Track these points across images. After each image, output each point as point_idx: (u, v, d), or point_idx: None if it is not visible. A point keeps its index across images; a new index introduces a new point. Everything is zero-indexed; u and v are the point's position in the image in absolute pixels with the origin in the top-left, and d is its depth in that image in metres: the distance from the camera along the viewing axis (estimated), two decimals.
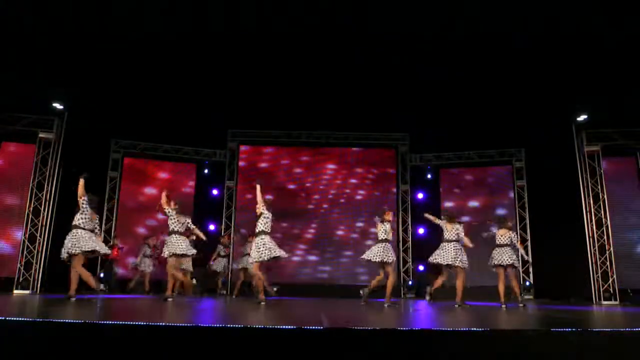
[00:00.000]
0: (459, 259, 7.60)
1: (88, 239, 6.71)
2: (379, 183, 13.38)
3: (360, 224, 13.10)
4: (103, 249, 7.04)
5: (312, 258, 12.91)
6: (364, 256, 7.53)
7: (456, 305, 7.46)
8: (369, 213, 13.19)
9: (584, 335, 3.20)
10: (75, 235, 6.69)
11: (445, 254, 7.67)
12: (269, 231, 7.03)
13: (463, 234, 7.81)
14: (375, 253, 7.36)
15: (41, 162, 10.79)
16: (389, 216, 7.59)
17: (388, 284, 7.33)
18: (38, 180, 10.69)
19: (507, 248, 7.68)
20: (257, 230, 7.03)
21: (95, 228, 7.19)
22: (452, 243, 7.70)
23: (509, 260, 7.58)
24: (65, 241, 6.80)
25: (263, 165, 13.49)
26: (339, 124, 12.71)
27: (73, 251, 6.64)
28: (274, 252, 6.91)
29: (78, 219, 6.76)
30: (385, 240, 7.39)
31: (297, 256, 12.77)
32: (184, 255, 7.62)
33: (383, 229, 7.43)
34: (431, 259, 7.86)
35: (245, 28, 9.39)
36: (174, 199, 7.75)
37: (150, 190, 12.89)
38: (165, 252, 7.47)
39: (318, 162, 13.51)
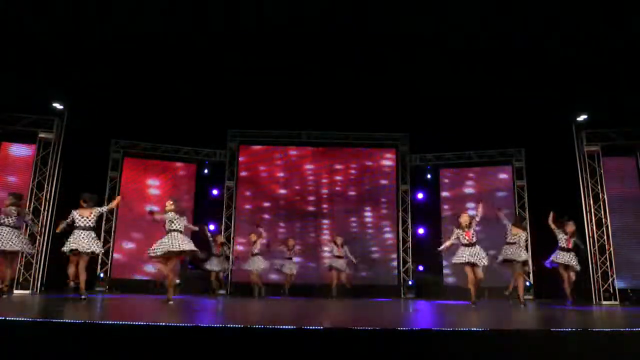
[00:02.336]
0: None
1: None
2: (379, 183, 13.37)
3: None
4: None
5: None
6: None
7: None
8: (369, 213, 13.19)
9: (584, 335, 3.20)
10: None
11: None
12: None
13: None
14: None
15: (41, 162, 10.78)
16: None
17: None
18: (38, 180, 10.68)
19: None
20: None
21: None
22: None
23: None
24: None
25: (262, 166, 13.49)
26: (339, 123, 12.69)
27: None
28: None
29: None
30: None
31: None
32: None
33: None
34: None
35: (245, 28, 9.39)
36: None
37: (150, 190, 12.90)
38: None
39: (318, 162, 13.49)
